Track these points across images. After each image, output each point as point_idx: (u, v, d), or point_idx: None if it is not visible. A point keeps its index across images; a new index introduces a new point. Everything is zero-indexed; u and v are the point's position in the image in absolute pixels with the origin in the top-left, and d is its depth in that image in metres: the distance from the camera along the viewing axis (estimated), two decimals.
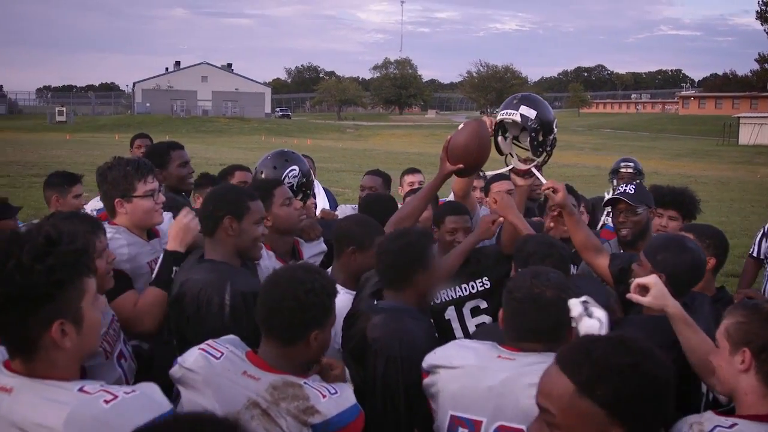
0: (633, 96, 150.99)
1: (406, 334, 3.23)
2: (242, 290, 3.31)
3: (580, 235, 4.02)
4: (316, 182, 6.89)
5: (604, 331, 2.69)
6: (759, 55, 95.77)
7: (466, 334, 4.16)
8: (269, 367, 2.68)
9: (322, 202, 6.62)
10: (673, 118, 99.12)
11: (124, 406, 2.00)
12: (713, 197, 25.14)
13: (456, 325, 4.23)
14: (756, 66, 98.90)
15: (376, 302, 3.55)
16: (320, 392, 2.62)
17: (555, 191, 3.99)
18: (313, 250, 4.50)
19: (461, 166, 4.23)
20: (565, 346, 2.05)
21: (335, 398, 2.63)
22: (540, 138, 4.35)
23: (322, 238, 4.61)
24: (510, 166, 4.53)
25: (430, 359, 2.87)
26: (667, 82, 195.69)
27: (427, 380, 2.85)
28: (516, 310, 2.72)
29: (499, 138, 4.50)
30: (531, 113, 4.30)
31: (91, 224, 3.33)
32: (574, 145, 53.93)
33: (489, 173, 4.49)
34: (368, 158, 38.89)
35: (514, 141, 4.55)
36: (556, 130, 4.44)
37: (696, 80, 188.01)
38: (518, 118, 4.32)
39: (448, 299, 4.23)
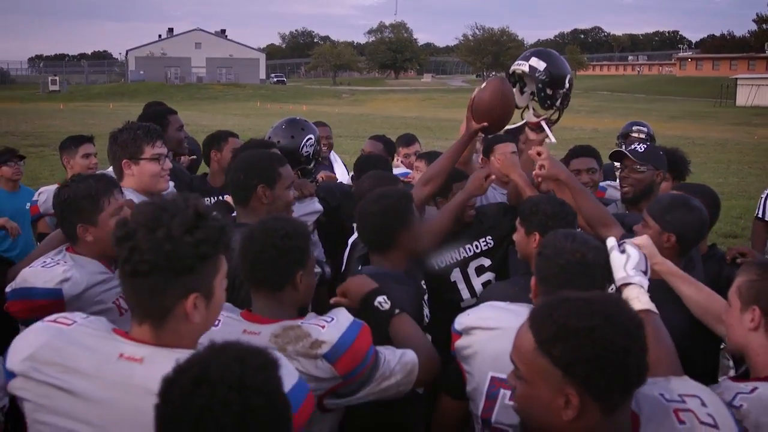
0: (630, 58, 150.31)
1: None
2: None
3: (585, 207, 3.78)
4: (332, 153, 6.90)
5: (631, 266, 2.70)
6: (757, 15, 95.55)
7: (473, 294, 4.17)
8: (266, 319, 2.72)
9: (340, 171, 6.62)
10: (671, 80, 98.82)
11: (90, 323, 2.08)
12: (711, 159, 25.15)
13: (462, 285, 4.21)
14: (753, 27, 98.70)
15: (360, 267, 3.54)
16: (318, 325, 2.66)
17: (539, 154, 3.89)
18: (304, 209, 4.41)
19: (486, 124, 4.16)
20: (538, 302, 2.06)
21: (334, 324, 2.66)
22: (548, 91, 4.29)
23: (315, 198, 4.54)
24: (524, 120, 4.48)
25: (464, 320, 2.82)
26: (664, 43, 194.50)
27: (459, 342, 2.80)
28: (559, 276, 2.64)
29: (515, 90, 4.43)
30: (540, 65, 4.25)
31: (107, 182, 3.34)
32: (571, 107, 52.90)
33: (507, 127, 4.41)
34: (365, 123, 38.78)
35: (533, 97, 4.48)
36: (568, 86, 4.37)
37: (693, 41, 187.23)
38: (526, 69, 4.27)
39: (452, 262, 4.21)
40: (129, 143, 3.97)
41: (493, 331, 2.68)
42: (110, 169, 4.10)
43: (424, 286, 3.82)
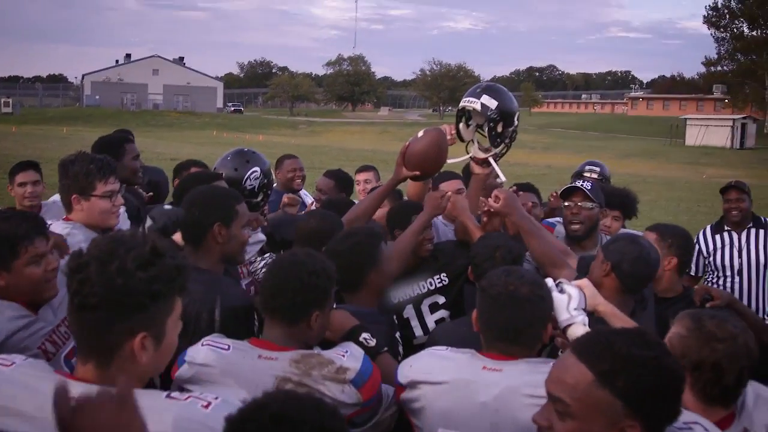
0: (583, 96, 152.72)
1: None
2: (233, 305, 3.19)
3: (535, 246, 3.85)
4: (303, 192, 6.76)
5: (573, 306, 2.77)
6: (705, 58, 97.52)
7: (425, 331, 4.13)
8: (279, 346, 2.72)
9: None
10: (623, 119, 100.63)
11: (221, 411, 1.94)
12: (662, 197, 25.55)
13: (415, 323, 4.19)
14: (702, 69, 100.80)
15: (335, 307, 3.51)
16: (337, 353, 2.73)
17: (497, 199, 3.92)
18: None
19: (417, 173, 4.22)
20: (583, 336, 2.04)
21: (350, 354, 2.75)
22: (499, 129, 4.33)
23: (260, 229, 4.48)
24: (470, 154, 4.50)
25: (406, 372, 2.79)
26: (617, 83, 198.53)
27: (405, 395, 2.77)
28: (491, 308, 2.67)
29: (461, 125, 4.47)
30: (492, 103, 4.29)
31: (30, 227, 3.08)
32: (525, 144, 54.31)
33: (450, 161, 4.43)
34: (321, 155, 38.74)
35: (478, 129, 4.53)
36: (517, 122, 4.43)
37: (645, 82, 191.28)
38: (478, 107, 4.30)
39: (406, 298, 4.19)
40: (81, 178, 3.79)
41: (440, 386, 2.66)
42: (57, 196, 3.97)
43: (410, 310, 3.98)
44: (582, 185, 4.50)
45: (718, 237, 6.18)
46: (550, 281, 2.87)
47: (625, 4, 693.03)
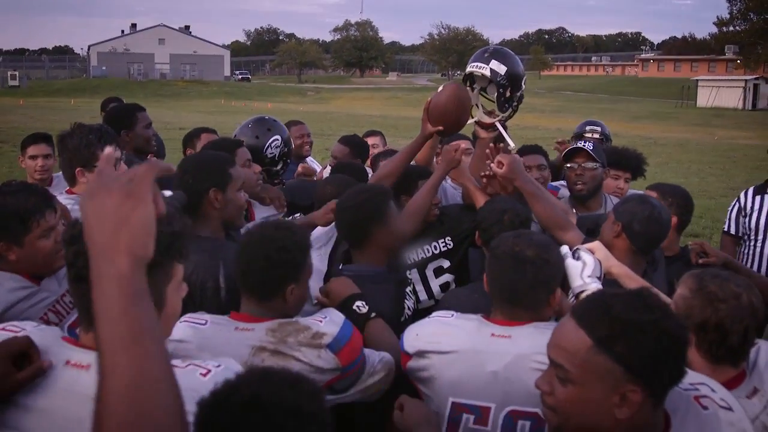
0: (593, 58, 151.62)
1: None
2: None
3: (540, 210, 3.80)
4: (310, 159, 6.73)
5: (587, 273, 2.78)
6: (717, 18, 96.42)
7: (430, 296, 4.13)
8: (256, 318, 2.70)
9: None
10: (633, 81, 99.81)
11: (219, 379, 1.93)
12: (672, 159, 25.41)
13: (420, 287, 4.16)
14: (714, 29, 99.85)
15: (341, 266, 3.52)
16: (315, 320, 2.70)
17: (500, 164, 3.86)
18: (264, 213, 4.35)
19: (441, 127, 4.17)
20: (582, 300, 2.02)
21: (329, 320, 2.73)
22: (507, 94, 4.28)
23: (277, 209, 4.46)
24: (475, 118, 4.44)
25: (413, 341, 2.75)
26: (627, 44, 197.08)
27: (412, 363, 2.74)
28: (496, 268, 2.68)
29: (467, 89, 4.41)
30: (501, 69, 4.22)
31: (38, 200, 3.04)
32: (535, 107, 54.04)
33: None
34: (330, 121, 38.66)
35: (481, 92, 4.48)
36: (524, 86, 4.38)
37: (655, 43, 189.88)
38: (488, 73, 4.23)
39: (411, 262, 4.16)
40: (82, 149, 3.77)
41: (448, 355, 2.64)
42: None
43: (415, 274, 3.96)
44: (585, 146, 4.50)
45: (758, 198, 5.96)
46: (566, 248, 2.89)
47: None
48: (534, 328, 2.59)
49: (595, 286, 2.75)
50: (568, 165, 4.51)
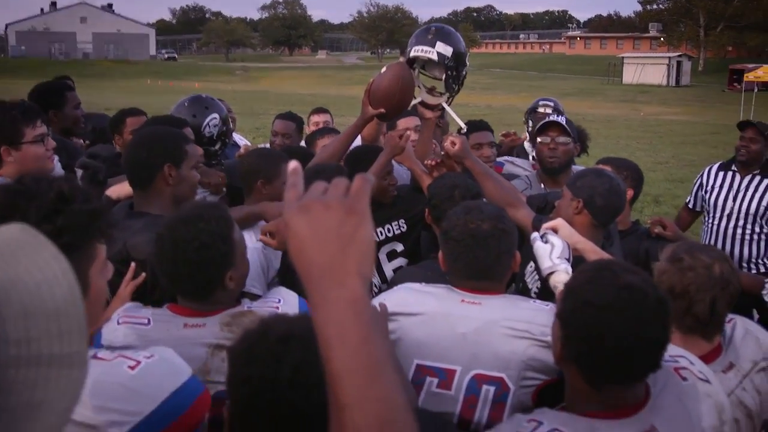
0: (521, 36, 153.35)
1: None
2: None
3: (490, 188, 3.72)
4: (237, 136, 6.49)
5: (555, 255, 2.79)
6: None
7: (383, 280, 4.02)
8: (203, 312, 2.48)
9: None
10: (561, 58, 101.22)
11: (149, 371, 1.85)
12: (601, 134, 25.76)
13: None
14: (638, 7, 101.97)
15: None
16: (270, 306, 2.55)
17: (453, 144, 3.78)
18: (200, 191, 4.13)
19: (383, 110, 4.02)
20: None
21: (284, 302, 2.59)
22: (454, 73, 4.18)
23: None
24: (418, 99, 4.31)
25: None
26: (554, 22, 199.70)
27: None
28: (456, 250, 2.64)
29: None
30: (448, 50, 4.10)
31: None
32: (465, 84, 54.24)
33: None
34: (260, 101, 38.24)
35: (421, 71, 4.34)
36: (468, 62, 4.29)
37: (582, 21, 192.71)
38: (435, 57, 4.11)
39: None
40: (6, 127, 3.53)
41: (416, 317, 2.57)
42: None
43: None
44: (559, 119, 4.38)
45: (721, 175, 5.93)
46: (535, 233, 2.93)
47: None
48: (505, 299, 2.61)
49: (564, 267, 2.75)
50: (540, 139, 4.39)
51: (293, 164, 1.24)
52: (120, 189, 3.59)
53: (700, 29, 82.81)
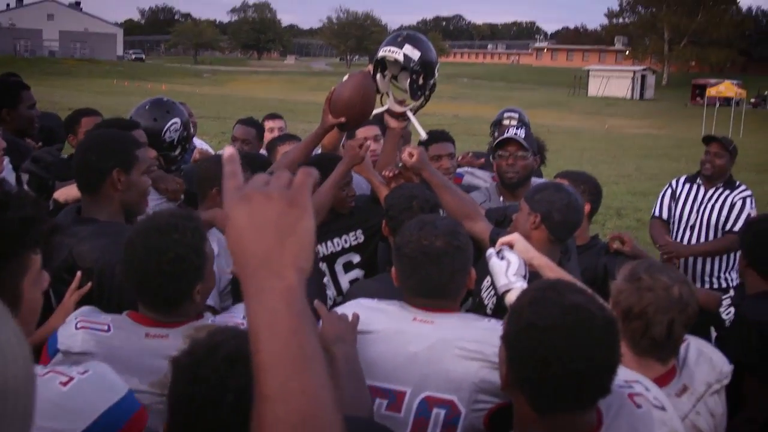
0: (489, 46, 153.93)
1: None
2: None
3: (448, 200, 3.68)
4: (197, 140, 6.27)
5: (512, 272, 2.71)
6: (608, 10, 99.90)
7: (339, 291, 3.96)
8: (166, 323, 2.43)
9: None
10: (528, 69, 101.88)
11: (82, 388, 1.80)
12: (566, 146, 25.96)
13: (328, 281, 3.99)
14: (605, 21, 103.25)
15: None
16: (235, 321, 2.51)
17: (411, 155, 3.75)
18: (155, 200, 4.00)
19: (343, 120, 3.95)
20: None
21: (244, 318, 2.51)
22: (420, 81, 4.13)
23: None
24: (385, 107, 4.28)
25: None
26: (522, 33, 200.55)
27: None
28: (409, 267, 2.55)
29: (378, 75, 4.26)
30: (415, 54, 4.06)
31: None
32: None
33: None
34: (227, 104, 37.93)
35: (393, 81, 4.30)
36: (437, 74, 4.24)
37: (549, 33, 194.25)
38: (400, 58, 4.07)
39: (319, 256, 3.98)
40: None
41: (368, 335, 2.50)
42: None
43: (324, 268, 3.80)
44: (516, 135, 4.35)
45: (687, 186, 6.02)
46: (490, 250, 2.85)
47: None
48: (458, 318, 2.53)
49: (520, 284, 2.68)
50: (500, 153, 4.37)
51: (229, 150, 1.21)
52: (68, 191, 3.50)
53: (665, 44, 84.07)
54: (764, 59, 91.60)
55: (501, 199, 4.41)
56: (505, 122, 6.26)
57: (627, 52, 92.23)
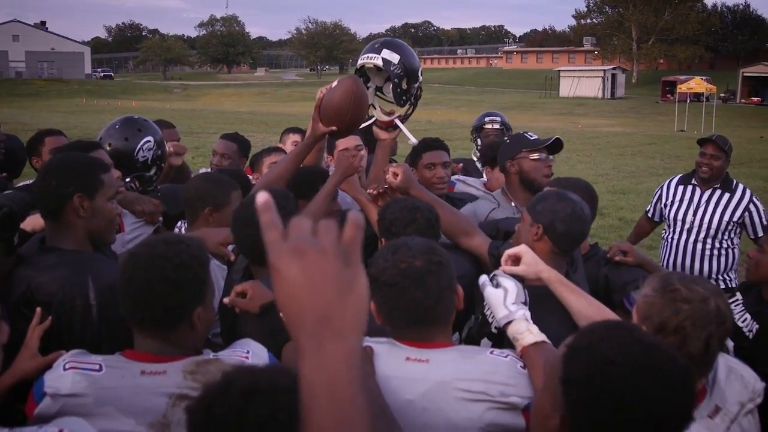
0: (459, 51, 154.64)
1: None
2: (110, 283, 2.62)
3: (441, 217, 3.41)
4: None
5: (511, 300, 2.49)
6: (575, 11, 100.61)
7: None
8: (163, 357, 2.23)
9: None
10: (498, 72, 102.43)
11: None
12: None
13: None
14: (573, 22, 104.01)
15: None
16: (239, 356, 2.36)
17: (395, 175, 3.57)
18: (134, 224, 3.84)
19: (335, 127, 3.75)
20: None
21: (254, 354, 2.40)
22: (403, 86, 3.98)
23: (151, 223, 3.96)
24: (373, 119, 4.12)
25: None
26: (491, 37, 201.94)
27: None
28: (391, 296, 2.27)
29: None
30: (394, 57, 3.91)
31: None
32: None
33: None
34: (199, 119, 37.68)
35: (378, 92, 4.16)
36: (421, 78, 4.08)
37: (518, 36, 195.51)
38: (380, 62, 3.92)
39: None
40: None
41: None
42: None
43: None
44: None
45: (681, 189, 5.91)
46: (483, 277, 2.59)
47: None
48: (456, 352, 2.29)
49: (521, 313, 2.45)
50: (538, 155, 4.18)
51: (263, 198, 1.12)
52: (35, 221, 3.26)
53: (633, 42, 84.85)
54: (731, 55, 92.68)
55: (512, 204, 4.20)
56: (488, 126, 6.12)
57: (596, 52, 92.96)
